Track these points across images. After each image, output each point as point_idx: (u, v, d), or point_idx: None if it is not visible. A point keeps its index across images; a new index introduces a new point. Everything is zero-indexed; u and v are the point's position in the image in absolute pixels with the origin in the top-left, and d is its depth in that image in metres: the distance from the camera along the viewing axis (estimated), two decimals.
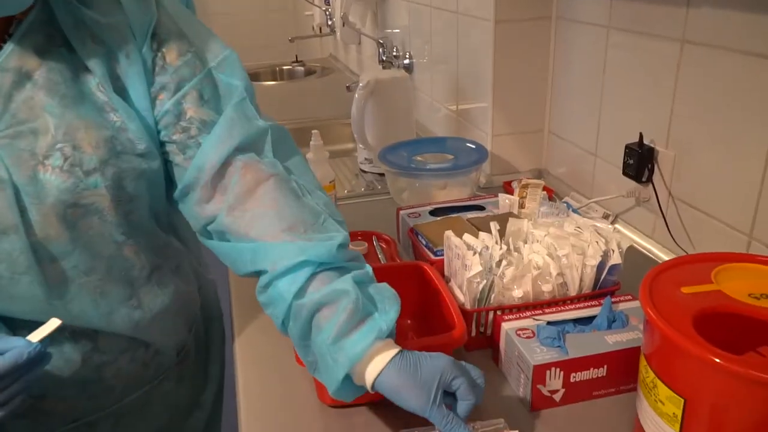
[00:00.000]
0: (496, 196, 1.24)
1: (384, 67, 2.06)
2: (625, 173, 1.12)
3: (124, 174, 0.73)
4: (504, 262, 0.86)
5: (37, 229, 0.68)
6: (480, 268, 0.83)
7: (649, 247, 1.14)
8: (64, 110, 0.69)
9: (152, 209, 0.80)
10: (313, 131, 1.27)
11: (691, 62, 0.99)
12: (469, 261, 0.85)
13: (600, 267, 0.86)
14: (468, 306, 0.86)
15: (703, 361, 0.56)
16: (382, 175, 1.57)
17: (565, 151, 1.40)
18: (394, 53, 2.04)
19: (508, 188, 1.44)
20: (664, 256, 1.10)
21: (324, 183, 1.24)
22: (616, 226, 1.21)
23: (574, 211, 1.10)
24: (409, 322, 0.93)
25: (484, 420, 0.72)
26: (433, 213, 1.17)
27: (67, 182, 0.68)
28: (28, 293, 0.69)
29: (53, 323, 0.65)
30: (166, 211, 0.85)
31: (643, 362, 0.66)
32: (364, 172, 1.63)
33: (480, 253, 0.88)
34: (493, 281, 0.85)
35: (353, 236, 1.20)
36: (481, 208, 1.18)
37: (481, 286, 0.85)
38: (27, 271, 0.68)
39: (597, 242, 0.88)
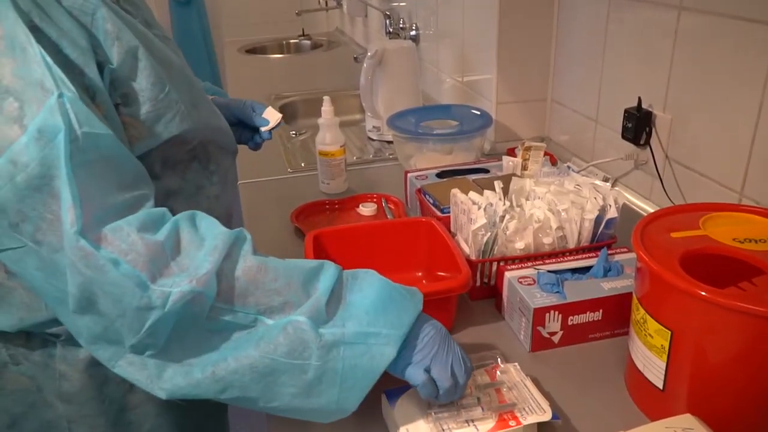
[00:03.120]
0: (500, 159, 1.29)
1: (391, 39, 2.10)
2: (624, 137, 1.17)
3: None
4: (507, 217, 0.91)
5: None
6: (484, 221, 0.89)
7: (646, 207, 1.19)
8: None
9: None
10: (324, 97, 1.31)
11: (687, 29, 1.03)
12: (474, 215, 0.91)
13: (597, 220, 0.92)
14: (473, 257, 0.91)
15: (687, 294, 0.62)
16: (389, 142, 1.62)
17: (567, 119, 1.44)
18: (401, 25, 2.08)
19: (511, 154, 1.48)
20: None
21: (335, 147, 1.29)
22: (616, 188, 1.26)
23: (575, 172, 1.15)
24: (419, 274, 0.98)
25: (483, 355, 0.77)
26: (439, 175, 1.22)
27: None
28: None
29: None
30: None
31: (634, 302, 0.72)
32: (372, 140, 1.68)
33: (484, 209, 0.93)
34: (496, 234, 0.90)
35: (363, 199, 1.26)
36: (485, 170, 1.23)
37: (485, 239, 0.90)
38: None
39: (595, 198, 0.93)
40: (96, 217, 0.60)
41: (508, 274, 0.87)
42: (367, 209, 1.22)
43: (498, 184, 1.00)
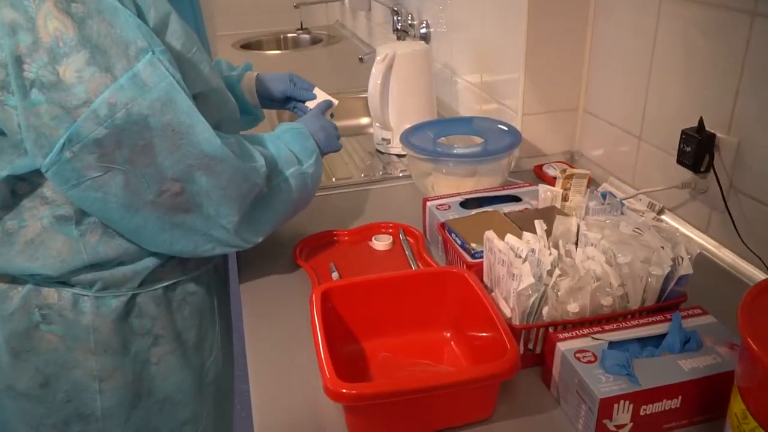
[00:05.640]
0: (531, 184, 1.13)
1: (398, 37, 1.92)
2: (680, 161, 1.00)
3: None
4: (557, 272, 0.75)
5: None
6: (532, 280, 0.73)
7: (701, 242, 1.03)
8: None
9: None
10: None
11: (762, 38, 0.87)
12: (517, 270, 0.75)
13: (668, 277, 0.76)
14: (516, 322, 0.75)
15: None
16: (400, 156, 1.46)
17: (603, 132, 1.28)
18: (410, 21, 1.90)
19: (539, 173, 1.32)
20: (723, 255, 0.99)
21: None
22: (666, 219, 1.10)
23: (621, 201, 0.99)
24: (447, 334, 0.83)
25: None
26: (463, 204, 1.06)
27: None
28: None
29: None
30: None
31: (736, 399, 0.56)
32: (381, 152, 1.51)
33: (528, 260, 0.77)
34: (545, 293, 0.74)
35: (378, 228, 1.10)
36: (516, 198, 1.07)
37: (531, 300, 0.74)
38: None
39: (662, 247, 0.77)
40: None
41: (561, 346, 0.71)
42: (381, 243, 1.06)
43: (540, 225, 0.84)
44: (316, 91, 1.23)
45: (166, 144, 0.76)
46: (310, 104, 1.22)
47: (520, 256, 0.78)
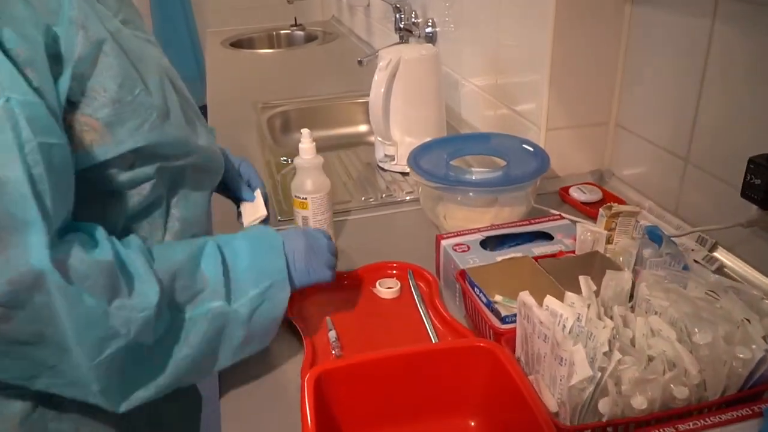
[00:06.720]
0: (561, 216, 0.97)
1: (401, 37, 1.75)
2: (745, 195, 0.84)
3: None
4: (616, 354, 0.59)
5: None
6: (589, 373, 0.56)
7: (762, 285, 0.87)
8: None
9: None
10: (302, 130, 0.98)
11: None
12: (566, 353, 0.58)
13: (759, 362, 0.59)
14: (567, 421, 0.59)
15: None
16: (405, 174, 1.30)
17: (638, 151, 1.11)
18: (413, 20, 1.73)
19: (565, 197, 1.16)
20: None
21: (317, 194, 0.97)
22: (719, 256, 0.93)
23: (672, 240, 0.82)
24: (472, 424, 0.66)
25: None
26: (483, 244, 0.89)
27: None
28: None
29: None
30: None
31: None
32: (383, 169, 1.34)
33: (571, 331, 0.61)
34: (602, 380, 0.58)
35: (383, 270, 0.94)
36: (547, 236, 0.90)
37: (586, 393, 0.58)
38: None
39: (747, 320, 0.61)
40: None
41: None
42: (387, 290, 0.89)
43: (587, 283, 0.67)
44: (257, 194, 0.96)
45: None
46: (243, 206, 0.95)
47: (565, 327, 0.62)
